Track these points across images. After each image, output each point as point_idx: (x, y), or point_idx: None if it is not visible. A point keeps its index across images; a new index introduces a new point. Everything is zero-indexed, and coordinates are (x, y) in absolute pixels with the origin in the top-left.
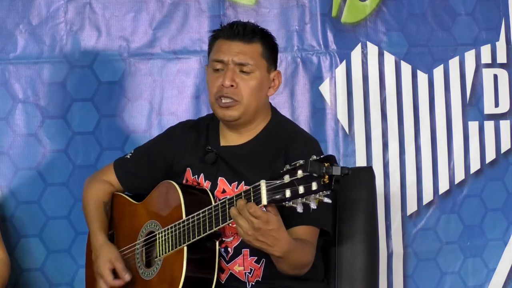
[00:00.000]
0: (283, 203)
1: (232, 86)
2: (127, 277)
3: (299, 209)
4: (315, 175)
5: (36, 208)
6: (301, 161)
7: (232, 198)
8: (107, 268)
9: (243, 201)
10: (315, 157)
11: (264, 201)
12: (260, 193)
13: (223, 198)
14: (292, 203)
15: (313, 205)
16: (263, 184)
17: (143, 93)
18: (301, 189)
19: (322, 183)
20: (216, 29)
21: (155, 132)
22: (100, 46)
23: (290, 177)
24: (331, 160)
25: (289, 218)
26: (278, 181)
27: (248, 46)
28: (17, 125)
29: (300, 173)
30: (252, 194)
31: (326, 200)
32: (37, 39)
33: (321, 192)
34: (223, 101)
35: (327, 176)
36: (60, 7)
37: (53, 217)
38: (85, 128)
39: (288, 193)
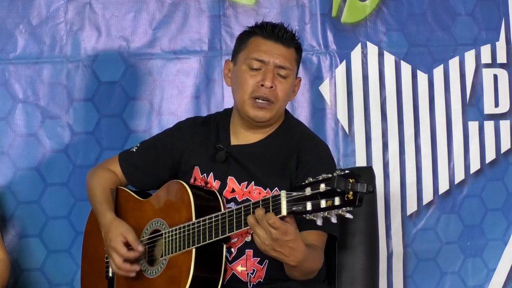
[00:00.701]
0: (303, 215)
1: (271, 87)
2: (140, 247)
3: (319, 222)
4: (339, 190)
5: (36, 208)
6: (325, 175)
7: (249, 205)
8: (120, 241)
9: (262, 210)
10: (339, 172)
11: (284, 212)
12: (280, 203)
13: (231, 200)
14: (313, 216)
15: (333, 220)
16: (283, 195)
17: (143, 93)
18: (323, 203)
19: (346, 199)
20: (252, 26)
21: (155, 132)
22: (100, 46)
23: (312, 190)
24: (356, 176)
25: (299, 223)
26: (299, 193)
27: (288, 50)
28: (17, 125)
29: (323, 186)
30: (271, 204)
31: (348, 215)
32: (37, 39)
33: (344, 208)
34: (259, 101)
35: (351, 192)
36: (60, 7)
37: (53, 217)
38: (85, 128)
39: (309, 206)
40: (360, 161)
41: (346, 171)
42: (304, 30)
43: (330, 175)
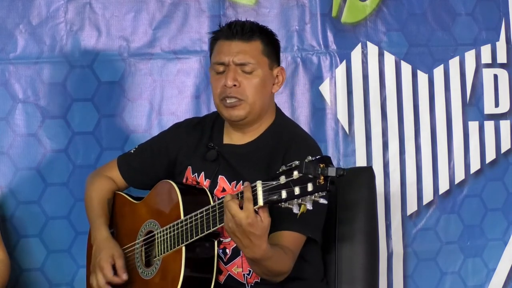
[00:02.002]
0: (279, 204)
1: (235, 85)
2: (124, 276)
3: (295, 210)
4: (310, 176)
5: (36, 208)
6: (297, 162)
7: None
8: (109, 263)
9: (229, 196)
10: (310, 158)
11: (261, 202)
12: (256, 193)
13: (221, 197)
14: (288, 204)
15: (309, 206)
16: (259, 185)
17: (143, 93)
18: (297, 190)
19: (317, 184)
20: (215, 31)
21: (155, 132)
22: (100, 46)
23: (286, 178)
24: (327, 161)
25: (277, 221)
26: (274, 182)
27: (248, 44)
28: (17, 125)
29: (296, 174)
30: None
31: (322, 201)
32: (37, 39)
33: (316, 193)
34: (228, 101)
35: (322, 177)
36: (60, 7)
37: (53, 217)
38: (85, 128)
39: (284, 194)
40: (360, 161)
41: (317, 157)
42: (304, 30)
43: (300, 162)
